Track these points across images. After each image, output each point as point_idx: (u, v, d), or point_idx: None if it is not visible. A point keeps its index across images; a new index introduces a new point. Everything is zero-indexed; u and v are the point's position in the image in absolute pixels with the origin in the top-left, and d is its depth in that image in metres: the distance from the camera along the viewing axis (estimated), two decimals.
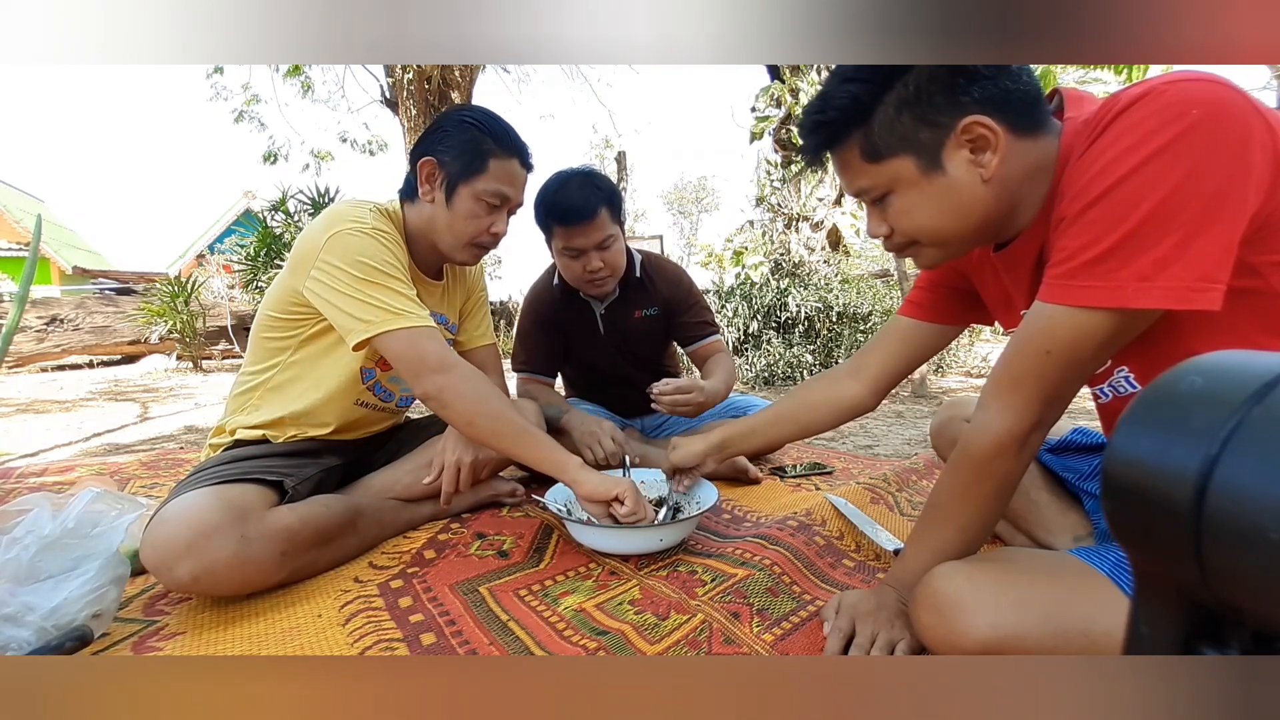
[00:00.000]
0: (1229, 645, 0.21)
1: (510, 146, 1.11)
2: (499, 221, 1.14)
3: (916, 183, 0.68)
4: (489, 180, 1.09)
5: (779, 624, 0.86)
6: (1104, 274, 0.58)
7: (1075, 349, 0.61)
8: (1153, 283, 0.56)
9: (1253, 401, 0.20)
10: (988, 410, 0.68)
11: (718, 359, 1.64)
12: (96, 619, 0.80)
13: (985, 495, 0.71)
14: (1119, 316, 0.59)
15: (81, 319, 5.75)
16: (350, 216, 1.05)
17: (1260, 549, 0.18)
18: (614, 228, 1.46)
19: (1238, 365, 0.22)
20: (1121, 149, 0.56)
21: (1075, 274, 0.60)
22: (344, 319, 1.01)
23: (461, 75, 5.57)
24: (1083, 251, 0.59)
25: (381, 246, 1.04)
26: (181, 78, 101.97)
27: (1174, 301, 0.55)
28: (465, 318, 1.36)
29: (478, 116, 1.11)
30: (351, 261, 1.01)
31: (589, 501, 1.04)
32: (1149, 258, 0.56)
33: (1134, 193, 0.56)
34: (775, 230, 5.78)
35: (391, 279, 1.03)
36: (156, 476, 1.71)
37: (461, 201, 1.10)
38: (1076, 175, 0.61)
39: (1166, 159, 0.54)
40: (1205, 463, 0.20)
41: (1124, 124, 0.57)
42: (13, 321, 2.14)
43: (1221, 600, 0.20)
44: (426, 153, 1.11)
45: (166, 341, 5.88)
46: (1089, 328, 0.60)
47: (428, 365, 1.01)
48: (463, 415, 1.04)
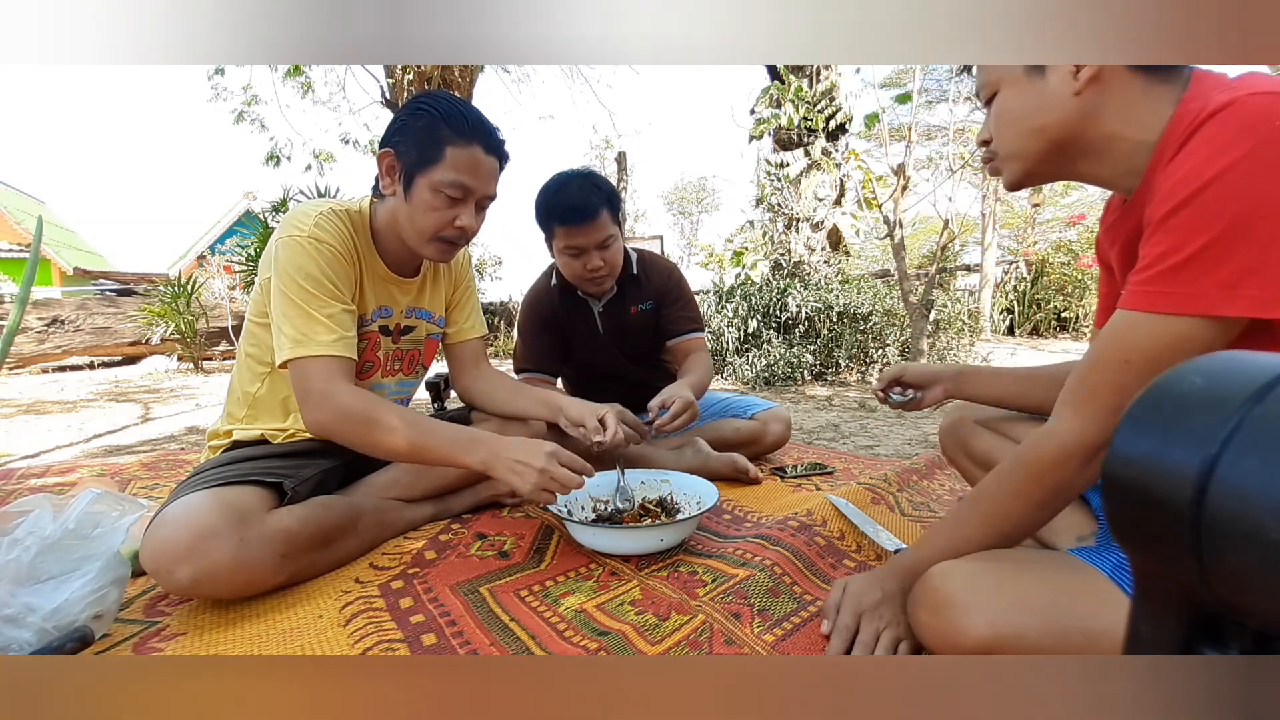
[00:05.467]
0: (1229, 645, 0.21)
1: (469, 133, 1.04)
2: (463, 214, 1.07)
3: (1018, 83, 0.71)
4: (446, 169, 1.03)
5: (780, 624, 0.86)
6: (1187, 280, 0.57)
7: (1156, 359, 0.60)
8: (1237, 290, 0.55)
9: (1253, 401, 0.20)
10: (1059, 418, 0.67)
11: (697, 357, 1.63)
12: (97, 620, 0.80)
13: (1035, 503, 0.69)
14: (1202, 325, 0.58)
15: (82, 320, 5.75)
16: (292, 223, 1.03)
17: (1260, 549, 0.18)
18: (614, 227, 1.48)
19: (1238, 365, 0.22)
20: (1204, 156, 0.56)
21: (1157, 280, 0.59)
22: (275, 337, 1.01)
23: (461, 75, 5.57)
24: (1165, 258, 0.58)
25: (312, 258, 1.01)
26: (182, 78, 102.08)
27: (1258, 309, 0.55)
28: (453, 309, 1.34)
29: (434, 102, 1.05)
30: (284, 277, 0.99)
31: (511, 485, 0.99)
32: (1233, 265, 0.55)
33: (1218, 200, 0.55)
34: (775, 230, 5.78)
35: (312, 296, 1.00)
36: (157, 477, 1.71)
37: (419, 193, 1.04)
38: (1166, 177, 0.60)
39: (1251, 167, 0.54)
40: (1205, 463, 0.20)
41: (1208, 132, 0.57)
42: (14, 322, 2.14)
43: (1221, 600, 0.20)
44: (385, 144, 1.07)
45: (167, 342, 5.88)
46: (1171, 335, 0.59)
47: (308, 402, 0.98)
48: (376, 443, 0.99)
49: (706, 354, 1.67)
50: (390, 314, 1.19)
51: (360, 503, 1.10)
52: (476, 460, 0.99)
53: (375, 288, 1.16)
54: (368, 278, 1.13)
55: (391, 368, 1.23)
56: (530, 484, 0.97)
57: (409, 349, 1.26)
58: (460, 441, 1.01)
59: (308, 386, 0.98)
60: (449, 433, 1.02)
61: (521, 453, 0.98)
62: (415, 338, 1.26)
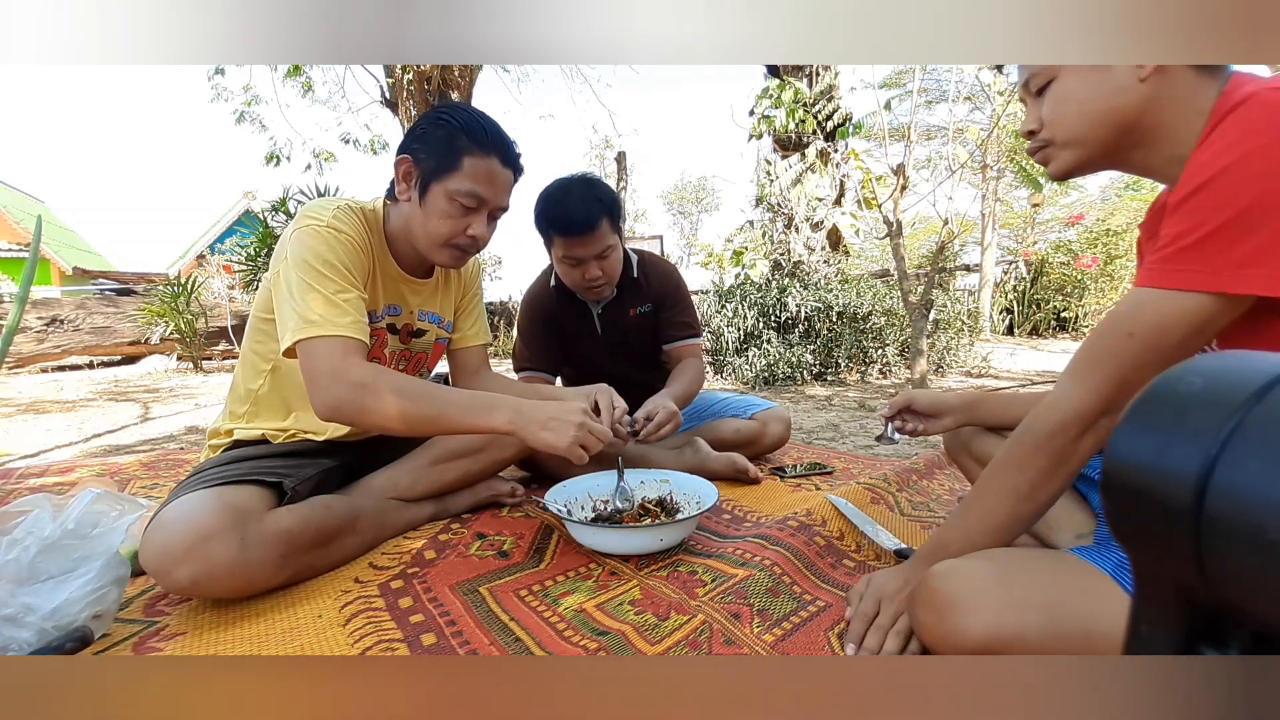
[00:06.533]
0: (1229, 645, 0.21)
1: (487, 144, 1.06)
2: (476, 223, 1.09)
3: (1080, 68, 0.69)
4: (462, 179, 1.05)
5: (779, 624, 0.86)
6: (1202, 259, 0.58)
7: (1159, 333, 0.62)
8: (1252, 269, 0.56)
9: (1253, 401, 0.20)
10: (1061, 387, 0.69)
11: (687, 363, 1.64)
12: (97, 619, 0.80)
13: (1039, 471, 0.70)
14: (1207, 301, 0.59)
15: (82, 320, 5.75)
16: (309, 214, 1.03)
17: (1260, 549, 0.18)
18: (613, 238, 1.48)
19: (1237, 365, 0.22)
20: (1228, 142, 0.58)
21: (1173, 259, 0.60)
22: (279, 322, 0.99)
23: (461, 75, 5.57)
24: (1183, 237, 0.60)
25: (329, 245, 1.00)
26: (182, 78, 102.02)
27: (1267, 288, 0.56)
28: (461, 314, 1.35)
29: (455, 113, 1.07)
30: (298, 261, 0.98)
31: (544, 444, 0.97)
32: (1249, 244, 0.56)
33: (1236, 182, 0.57)
34: (775, 230, 5.78)
35: (327, 280, 0.98)
36: (157, 477, 1.71)
37: (434, 200, 1.06)
38: (1190, 164, 0.61)
39: (1268, 156, 0.56)
40: (1205, 463, 0.20)
41: (1231, 121, 0.59)
42: (13, 322, 2.14)
43: (1221, 600, 0.20)
44: (403, 150, 1.09)
45: (167, 342, 5.88)
46: (1177, 310, 0.60)
47: (318, 384, 0.94)
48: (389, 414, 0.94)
49: (699, 360, 1.68)
50: (399, 313, 1.20)
51: (360, 502, 1.10)
52: (502, 421, 0.97)
53: (386, 285, 1.16)
54: (380, 274, 1.14)
55: (396, 368, 1.24)
56: (569, 437, 0.95)
57: (418, 352, 1.27)
58: (478, 406, 0.98)
59: (318, 366, 0.94)
60: (464, 398, 1.00)
61: (554, 409, 0.98)
62: (426, 342, 1.27)
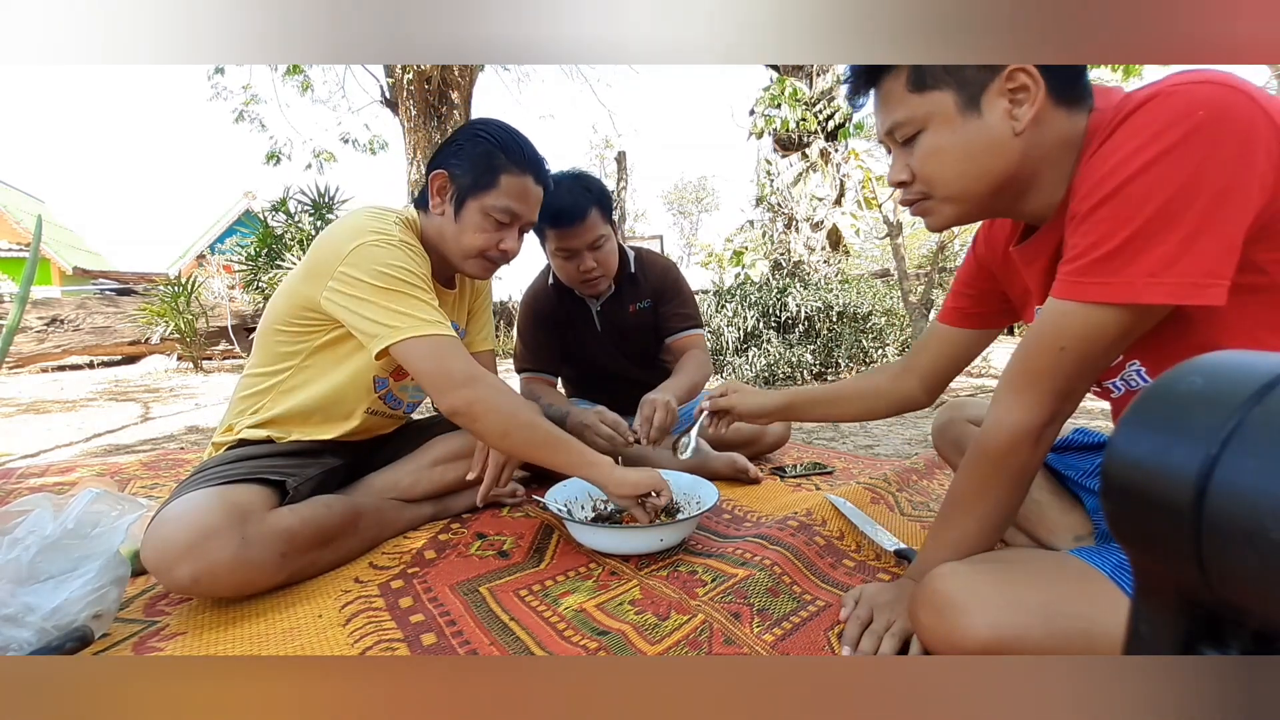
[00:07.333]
0: (1229, 645, 0.21)
1: (524, 163, 1.10)
2: (508, 238, 1.13)
3: (951, 120, 0.68)
4: (499, 196, 1.09)
5: (779, 624, 0.86)
6: (1114, 270, 0.59)
7: (1088, 344, 0.63)
8: (1161, 279, 0.57)
9: (1253, 402, 0.20)
10: (1003, 406, 0.69)
11: (691, 355, 1.62)
12: (97, 619, 0.80)
13: (1002, 488, 0.72)
14: (1130, 312, 0.60)
15: (82, 319, 5.75)
16: (374, 229, 1.03)
17: (1260, 549, 0.18)
18: (605, 227, 1.48)
19: (1237, 366, 0.22)
20: (1131, 149, 0.58)
21: (1087, 271, 0.61)
22: (367, 325, 0.99)
23: (461, 75, 5.57)
24: (1093, 249, 0.60)
25: (408, 257, 1.03)
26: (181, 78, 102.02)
27: (1181, 296, 0.57)
28: (471, 319, 1.36)
29: (493, 131, 1.10)
30: (374, 272, 0.99)
31: (623, 498, 1.04)
32: (1156, 254, 0.57)
33: (1142, 191, 0.57)
34: (775, 230, 5.78)
35: (417, 289, 1.01)
36: (157, 477, 1.71)
37: (469, 215, 1.09)
38: (1089, 173, 0.62)
39: (1173, 159, 0.56)
40: (1205, 463, 0.20)
41: (1133, 125, 0.58)
42: (13, 322, 2.14)
43: (1221, 600, 0.20)
44: (440, 165, 1.11)
45: (167, 342, 5.89)
46: (1101, 323, 0.61)
47: (453, 380, 0.98)
48: (495, 429, 1.01)
49: (703, 351, 1.66)
50: None
51: (361, 502, 1.10)
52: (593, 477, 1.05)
53: None
54: None
55: None
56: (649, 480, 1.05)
57: None
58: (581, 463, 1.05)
59: (448, 366, 0.98)
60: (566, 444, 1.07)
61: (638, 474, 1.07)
62: None
